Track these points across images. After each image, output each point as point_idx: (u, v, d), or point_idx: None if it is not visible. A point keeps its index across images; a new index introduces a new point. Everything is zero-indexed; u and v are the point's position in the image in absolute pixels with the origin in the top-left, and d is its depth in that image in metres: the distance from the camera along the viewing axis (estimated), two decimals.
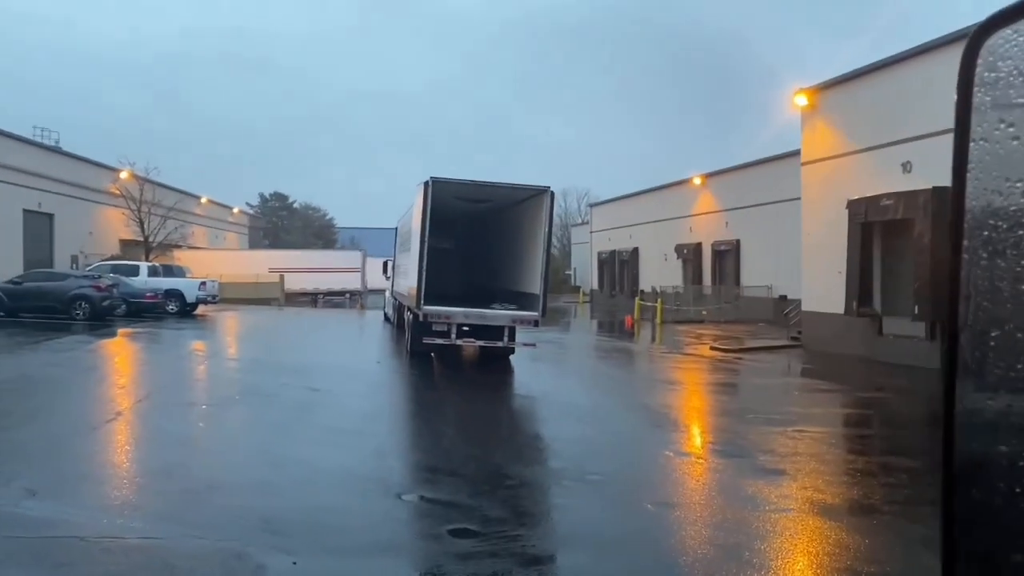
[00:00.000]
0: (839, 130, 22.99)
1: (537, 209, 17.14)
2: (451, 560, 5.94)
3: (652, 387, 16.99)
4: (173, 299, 31.26)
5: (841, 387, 17.04)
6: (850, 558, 6.18)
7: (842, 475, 9.15)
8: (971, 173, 1.07)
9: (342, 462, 8.99)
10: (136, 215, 43.21)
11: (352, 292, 50.55)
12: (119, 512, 6.89)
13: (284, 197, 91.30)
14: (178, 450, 9.37)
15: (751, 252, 37.79)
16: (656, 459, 9.84)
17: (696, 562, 6.03)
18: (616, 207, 57.17)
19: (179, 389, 14.15)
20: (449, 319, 16.55)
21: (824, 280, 22.66)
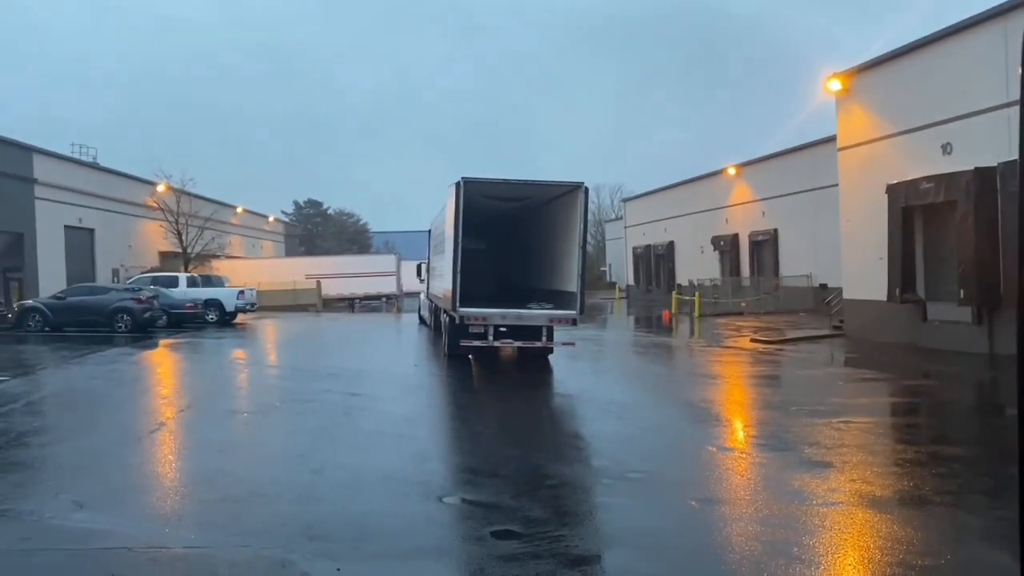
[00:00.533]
0: (875, 114, 22.58)
1: (571, 206, 16.85)
2: (494, 562, 5.89)
3: (692, 382, 16.81)
4: (212, 309, 31.68)
5: (886, 375, 16.70)
6: (902, 551, 6.01)
7: (891, 466, 8.93)
8: None
9: (383, 466, 8.98)
10: (174, 227, 43.91)
11: (388, 296, 50.87)
12: (164, 521, 6.95)
13: (318, 204, 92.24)
14: (221, 458, 9.44)
15: (789, 241, 37.29)
16: (699, 455, 9.70)
17: (743, 559, 5.91)
18: (650, 201, 56.83)
19: (221, 398, 14.30)
20: (486, 320, 16.36)
21: (865, 267, 22.27)
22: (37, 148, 34.95)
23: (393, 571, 5.84)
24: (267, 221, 69.34)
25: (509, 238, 22.69)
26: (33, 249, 33.72)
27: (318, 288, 47.10)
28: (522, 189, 17.51)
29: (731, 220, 42.97)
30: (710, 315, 33.73)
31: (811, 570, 5.72)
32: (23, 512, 7.11)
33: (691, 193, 48.30)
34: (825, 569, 5.79)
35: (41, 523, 6.79)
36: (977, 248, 17.80)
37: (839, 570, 5.79)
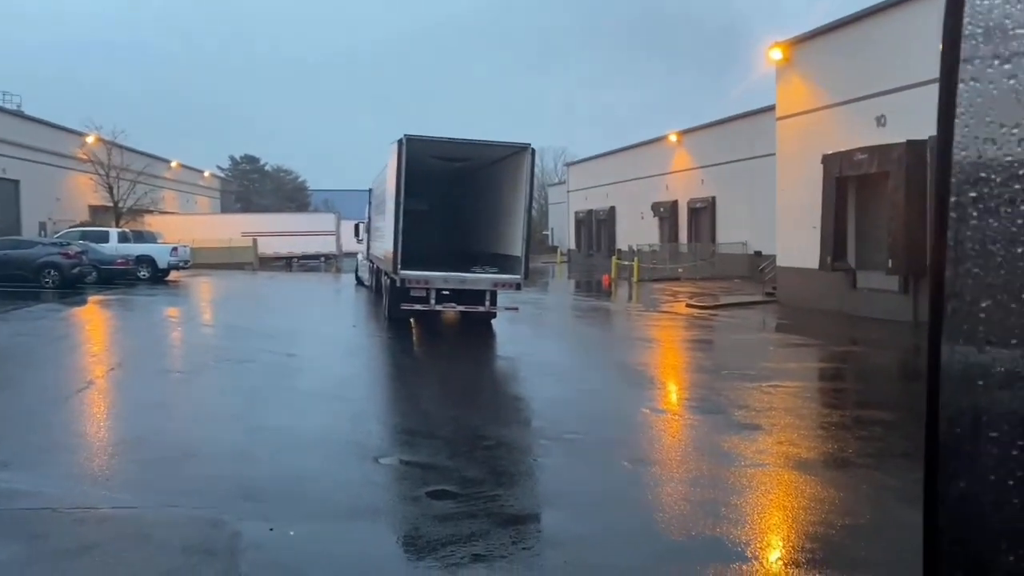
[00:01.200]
0: (814, 84, 22.93)
1: (517, 168, 16.57)
2: (429, 522, 5.93)
3: (629, 345, 17.06)
4: (144, 265, 30.85)
5: (816, 341, 17.19)
6: (825, 511, 6.24)
7: (817, 429, 9.23)
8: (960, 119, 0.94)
9: (319, 427, 8.93)
10: (104, 180, 42.46)
11: (327, 256, 50.17)
12: (93, 482, 6.81)
13: (255, 160, 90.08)
14: (152, 418, 9.26)
15: (726, 209, 37.87)
16: (633, 416, 9.88)
17: (673, 518, 6.06)
18: (593, 166, 57.00)
19: (153, 356, 14.00)
20: (428, 284, 16.06)
21: (799, 235, 22.74)
22: None
23: (327, 531, 5.83)
24: (202, 176, 67.55)
25: (453, 200, 22.33)
26: None
27: (254, 246, 46.19)
28: (467, 149, 17.19)
29: (671, 187, 43.40)
30: (648, 280, 34.17)
31: (738, 529, 5.90)
32: None
33: (633, 159, 48.58)
34: (751, 528, 5.98)
35: None
36: (906, 219, 18.31)
37: (764, 529, 5.99)
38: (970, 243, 0.91)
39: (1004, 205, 0.89)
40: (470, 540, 5.53)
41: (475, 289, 16.42)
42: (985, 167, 0.91)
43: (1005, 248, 0.89)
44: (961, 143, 0.92)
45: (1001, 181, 0.90)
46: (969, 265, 0.91)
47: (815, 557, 5.29)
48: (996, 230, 0.89)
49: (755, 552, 5.48)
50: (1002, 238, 0.89)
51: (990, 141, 0.91)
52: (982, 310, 0.90)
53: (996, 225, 0.89)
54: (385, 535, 5.85)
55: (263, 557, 5.28)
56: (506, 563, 5.22)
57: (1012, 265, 0.88)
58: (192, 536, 5.60)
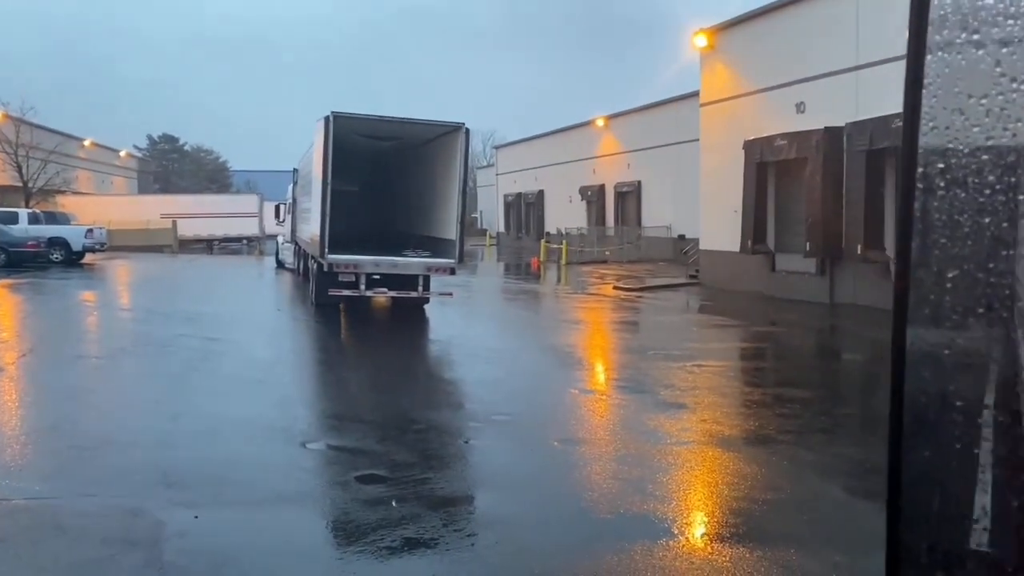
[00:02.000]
0: (737, 71, 23.38)
1: (451, 148, 16.01)
2: (359, 507, 5.89)
3: (558, 327, 17.19)
4: (57, 247, 29.64)
5: (737, 322, 17.62)
6: (748, 487, 6.42)
7: (739, 407, 9.49)
8: (927, 90, 0.94)
9: (244, 413, 8.76)
10: (13, 159, 40.62)
11: (249, 238, 49.05)
12: (4, 472, 6.54)
13: (174, 139, 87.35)
14: (67, 406, 8.94)
15: (652, 193, 38.41)
16: (562, 397, 9.98)
17: (601, 496, 6.16)
18: (522, 149, 57.07)
19: (67, 342, 13.49)
20: (357, 268, 15.43)
21: (721, 219, 23.23)
22: None
23: (254, 518, 5.73)
24: (118, 156, 65.13)
25: (384, 181, 21.70)
26: None
27: (174, 228, 44.84)
28: (398, 127, 16.56)
29: (598, 171, 43.78)
30: (576, 263, 34.46)
31: (664, 505, 6.03)
32: None
33: (562, 143, 48.81)
34: (677, 504, 6.12)
35: None
36: (823, 203, 18.90)
37: (689, 505, 6.13)
38: (937, 214, 0.92)
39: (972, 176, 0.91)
40: (400, 524, 5.51)
41: (407, 274, 15.88)
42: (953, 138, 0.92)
43: (972, 219, 0.90)
44: (929, 114, 0.93)
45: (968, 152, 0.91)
46: (936, 236, 0.92)
47: (740, 531, 5.44)
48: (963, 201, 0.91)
49: (682, 528, 5.61)
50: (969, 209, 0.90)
51: (958, 112, 0.92)
52: (949, 280, 0.91)
53: (963, 196, 0.91)
54: (314, 521, 5.79)
55: (188, 545, 5.16)
56: (438, 545, 5.22)
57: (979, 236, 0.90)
58: (111, 526, 5.43)
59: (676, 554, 5.14)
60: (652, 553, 5.08)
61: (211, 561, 4.96)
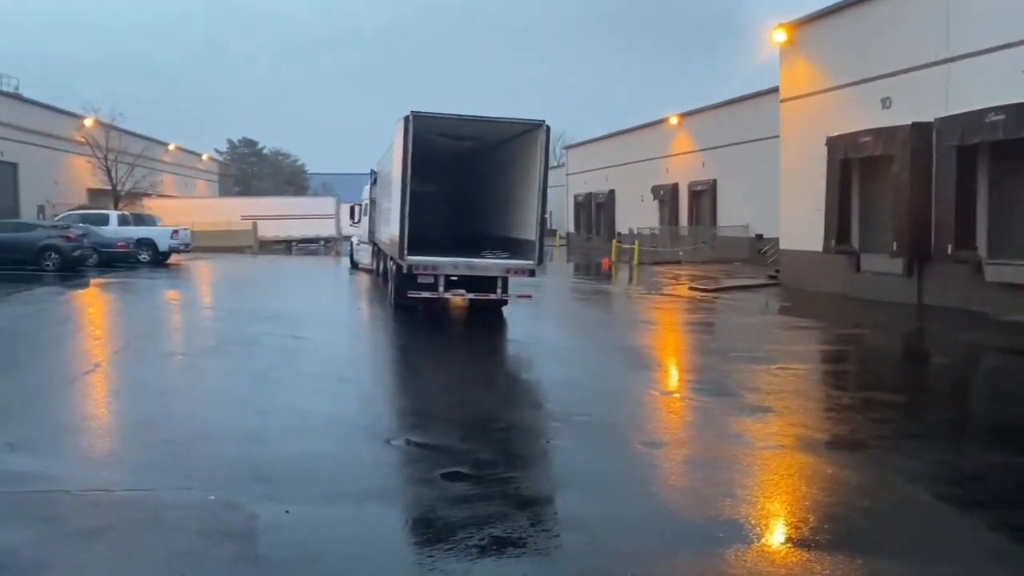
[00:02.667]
0: (818, 66, 22.80)
1: (531, 146, 15.58)
2: (444, 504, 5.89)
3: (634, 328, 17.02)
4: (145, 248, 30.74)
5: (820, 324, 17.16)
6: (841, 493, 6.22)
7: (828, 411, 9.20)
8: None
9: (328, 409, 8.90)
10: (103, 163, 42.30)
11: (326, 239, 50.05)
12: (103, 464, 6.78)
13: (253, 143, 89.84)
14: (160, 401, 9.22)
15: (728, 192, 37.78)
16: (643, 399, 9.85)
17: (690, 500, 6.04)
18: (592, 149, 56.80)
19: (157, 339, 13.95)
20: (436, 270, 15.14)
21: (802, 218, 22.69)
22: None
23: (342, 513, 5.79)
24: (201, 159, 67.29)
25: (463, 181, 21.36)
26: None
27: (254, 229, 46.06)
28: (477, 126, 16.13)
29: (671, 170, 43.27)
30: (649, 263, 34.11)
31: (754, 510, 5.88)
32: None
33: (633, 142, 48.41)
34: (768, 509, 5.96)
35: None
36: (911, 201, 18.28)
37: (781, 510, 5.96)
38: None
39: None
40: (488, 522, 5.49)
41: (486, 275, 15.55)
42: None
43: None
44: None
45: None
46: None
47: (835, 539, 5.26)
48: None
49: (774, 534, 5.46)
50: None
51: None
52: None
53: None
54: (402, 517, 5.82)
55: (280, 539, 5.24)
56: (526, 546, 5.18)
57: None
58: (207, 518, 5.56)
59: (769, 560, 4.99)
60: (745, 558, 4.95)
61: (303, 555, 5.01)
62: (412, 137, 14.63)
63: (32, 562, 4.83)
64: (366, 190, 27.97)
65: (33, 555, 4.92)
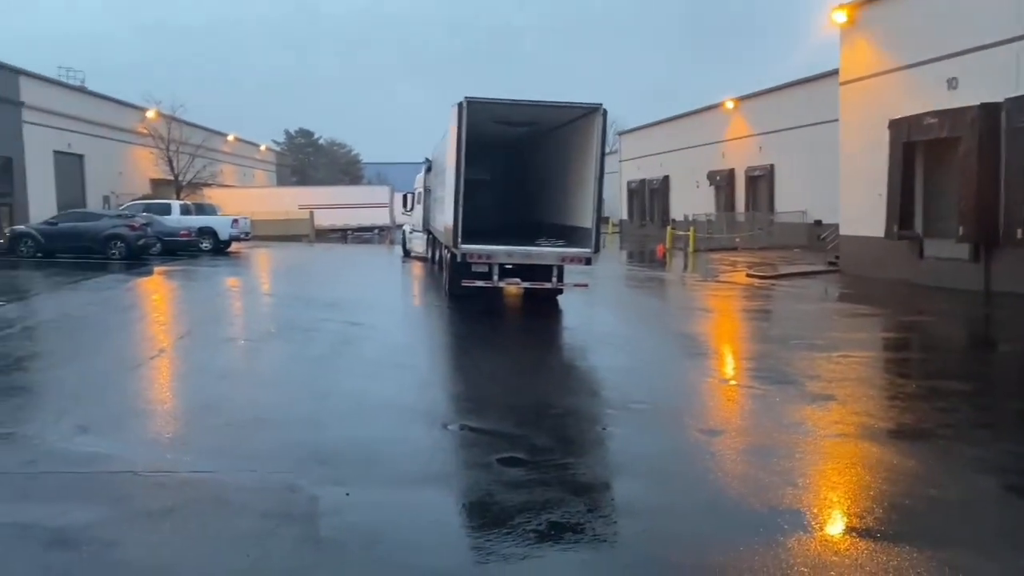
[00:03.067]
0: (880, 47, 22.16)
1: (587, 131, 15.07)
2: (502, 489, 5.91)
3: (690, 315, 16.83)
4: (207, 237, 31.41)
5: (883, 311, 16.75)
6: (907, 483, 6.06)
7: (892, 399, 8.98)
8: None
9: (386, 394, 9.00)
10: (165, 154, 43.27)
11: (381, 227, 50.53)
12: (169, 447, 6.95)
13: (309, 133, 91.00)
14: (223, 385, 9.44)
15: (785, 177, 37.04)
16: (700, 386, 9.75)
17: (750, 489, 5.94)
18: (646, 135, 56.17)
19: (219, 325, 14.25)
20: (490, 259, 14.86)
21: (863, 203, 22.16)
22: (24, 70, 34.13)
23: (402, 496, 5.85)
24: (259, 150, 68.40)
25: (518, 167, 21.02)
26: (22, 174, 33.19)
27: (311, 218, 46.71)
28: (532, 111, 15.79)
29: (727, 155, 42.59)
30: (704, 250, 33.69)
31: (817, 500, 5.78)
32: (27, 435, 7.10)
33: (688, 127, 47.76)
34: (831, 499, 5.85)
35: (45, 446, 6.77)
36: (978, 185, 17.69)
37: (845, 500, 5.83)
38: None
39: None
40: (545, 508, 5.49)
41: (541, 264, 15.20)
42: None
43: None
44: None
45: None
46: None
47: (902, 530, 5.14)
48: None
49: (838, 524, 5.35)
50: None
51: None
52: None
53: None
54: (459, 501, 5.85)
55: (341, 521, 5.32)
56: (584, 532, 5.17)
57: None
58: (270, 500, 5.66)
59: (833, 550, 4.90)
60: (808, 548, 4.87)
61: (363, 538, 5.08)
62: (466, 123, 14.33)
63: (103, 540, 4.98)
64: (418, 178, 28.10)
65: (104, 534, 5.08)
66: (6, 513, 5.36)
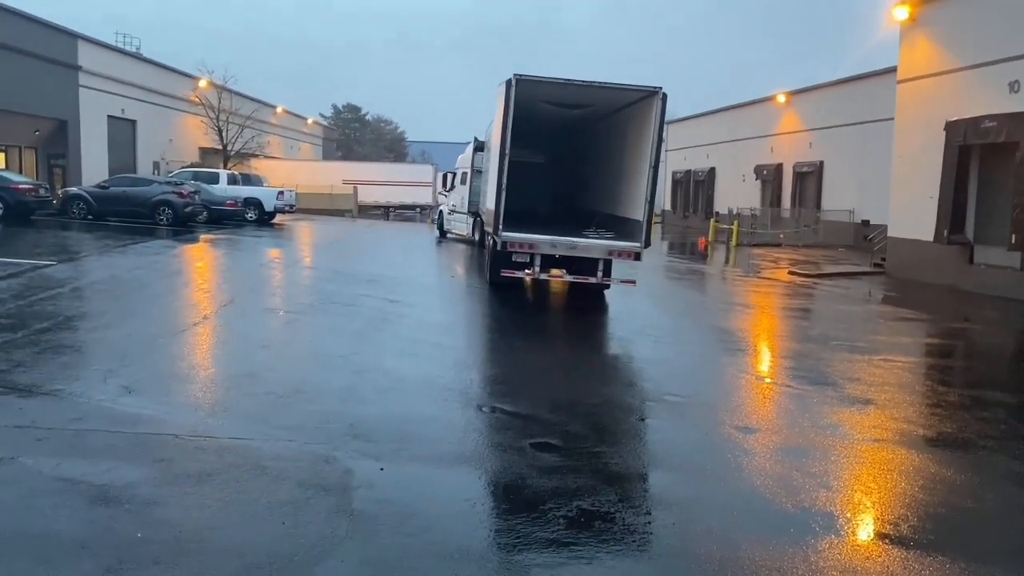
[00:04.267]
0: (941, 46, 21.64)
1: (643, 116, 14.17)
2: (534, 473, 5.95)
3: (730, 310, 16.69)
4: (252, 207, 31.78)
5: (928, 316, 16.45)
6: (946, 493, 5.99)
7: (933, 407, 8.84)
8: None
9: (422, 372, 9.08)
10: (214, 123, 43.83)
11: (422, 206, 50.76)
12: (210, 412, 7.09)
13: (357, 109, 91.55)
14: (263, 354, 9.59)
15: (834, 174, 36.44)
16: (737, 382, 9.68)
17: (783, 488, 5.91)
18: (693, 125, 55.55)
19: (261, 295, 14.46)
20: (532, 248, 14.05)
21: (914, 205, 21.74)
22: (82, 35, 34.74)
23: (435, 475, 5.91)
24: (306, 123, 68.94)
25: (568, 152, 20.01)
26: (77, 137, 33.91)
27: (355, 194, 47.05)
28: (585, 92, 14.66)
29: (776, 149, 42.00)
30: (747, 245, 33.31)
31: (852, 504, 5.73)
32: (74, 393, 7.28)
33: (737, 119, 47.17)
34: (866, 504, 5.79)
35: (91, 404, 6.95)
36: None
37: (880, 506, 5.77)
38: None
39: None
40: (576, 494, 5.53)
41: (586, 257, 14.28)
42: None
43: None
44: None
45: None
46: None
47: (938, 540, 5.08)
48: None
49: (872, 529, 5.31)
50: None
51: None
52: None
53: None
54: (491, 483, 5.90)
55: (374, 495, 5.40)
56: (614, 521, 5.19)
57: None
58: (306, 470, 5.77)
59: (865, 556, 4.86)
60: (839, 552, 4.84)
61: (397, 513, 5.15)
62: (514, 102, 13.55)
63: (145, 499, 5.12)
64: (461, 158, 28.14)
65: (146, 493, 5.21)
66: (55, 467, 5.52)
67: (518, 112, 13.82)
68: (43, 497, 5.07)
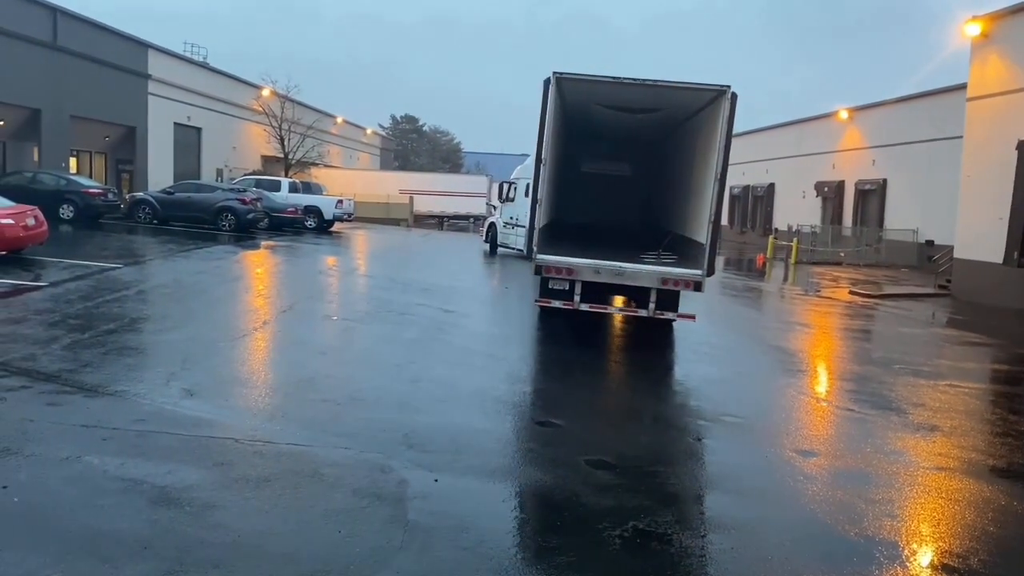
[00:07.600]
0: (1015, 63, 21.02)
1: (709, 121, 12.00)
2: (589, 491, 5.90)
3: (788, 329, 16.37)
4: (312, 215, 32.27)
5: (995, 341, 15.91)
6: (1016, 526, 5.77)
7: (1003, 436, 8.51)
8: None
9: (476, 383, 9.08)
10: (277, 132, 44.67)
11: (476, 217, 50.96)
12: (268, 417, 7.18)
13: (414, 119, 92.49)
14: (321, 361, 9.70)
15: (898, 193, 35.59)
16: (796, 405, 9.48)
17: (845, 515, 5.75)
18: (752, 140, 54.77)
19: (320, 302, 14.64)
20: (571, 274, 11.76)
21: (982, 226, 21.11)
22: (152, 44, 35.76)
23: (490, 488, 5.89)
24: (364, 133, 69.88)
25: (620, 162, 18.11)
26: (144, 143, 34.87)
27: (411, 203, 47.47)
28: (639, 93, 12.19)
29: (838, 166, 41.20)
30: (806, 263, 32.72)
31: (918, 534, 5.55)
32: (138, 394, 7.45)
33: (798, 135, 46.42)
34: (932, 534, 5.60)
35: (153, 407, 7.10)
36: None
37: (948, 537, 5.58)
38: None
39: None
40: (632, 514, 5.46)
41: (634, 285, 11.98)
42: None
43: None
44: None
45: None
46: None
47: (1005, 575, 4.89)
48: None
49: (939, 561, 5.13)
50: None
51: None
52: None
53: None
54: (546, 499, 5.86)
55: (429, 507, 5.40)
56: (671, 543, 5.10)
57: None
58: (361, 479, 5.80)
59: None
60: None
61: (450, 525, 5.15)
62: (552, 104, 11.59)
63: (205, 502, 5.20)
64: (517, 169, 28.12)
65: (206, 496, 5.30)
66: (119, 467, 5.65)
67: (570, 117, 12.36)
68: (107, 496, 5.19)
